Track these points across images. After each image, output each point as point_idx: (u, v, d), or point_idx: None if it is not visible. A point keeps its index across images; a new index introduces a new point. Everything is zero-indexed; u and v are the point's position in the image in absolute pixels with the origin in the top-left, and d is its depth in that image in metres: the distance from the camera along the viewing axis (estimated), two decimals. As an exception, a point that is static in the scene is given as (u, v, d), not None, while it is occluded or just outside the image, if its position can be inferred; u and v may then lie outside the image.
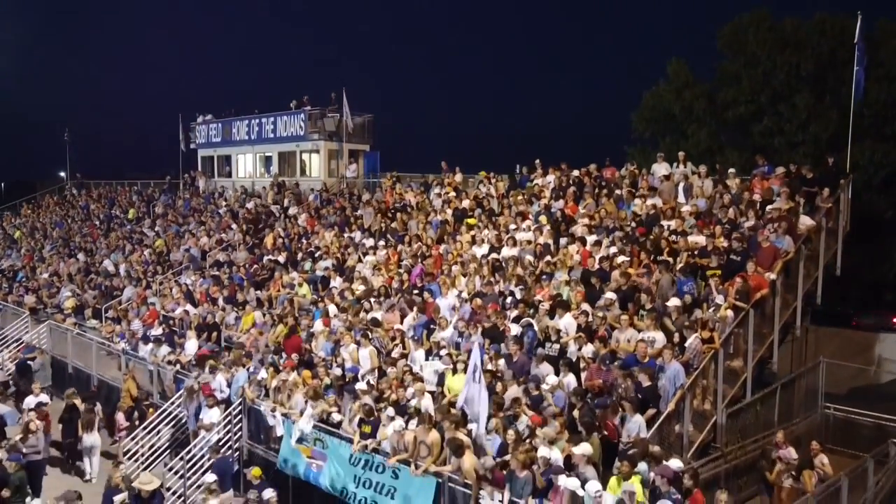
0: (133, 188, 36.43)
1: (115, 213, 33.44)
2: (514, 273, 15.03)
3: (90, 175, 41.80)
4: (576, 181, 19.41)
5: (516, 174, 22.22)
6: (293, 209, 25.60)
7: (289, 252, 21.78)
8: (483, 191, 21.54)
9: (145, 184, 36.38)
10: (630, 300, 12.86)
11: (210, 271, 22.24)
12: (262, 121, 31.14)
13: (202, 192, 32.45)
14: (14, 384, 18.79)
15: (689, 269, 13.21)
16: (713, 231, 14.41)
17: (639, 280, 13.36)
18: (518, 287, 14.50)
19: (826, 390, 15.45)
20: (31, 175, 58.93)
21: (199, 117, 34.62)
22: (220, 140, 33.59)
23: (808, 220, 14.41)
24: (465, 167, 23.70)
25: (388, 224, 21.18)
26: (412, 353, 13.68)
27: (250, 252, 23.00)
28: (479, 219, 18.88)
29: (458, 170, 23.59)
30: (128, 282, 23.24)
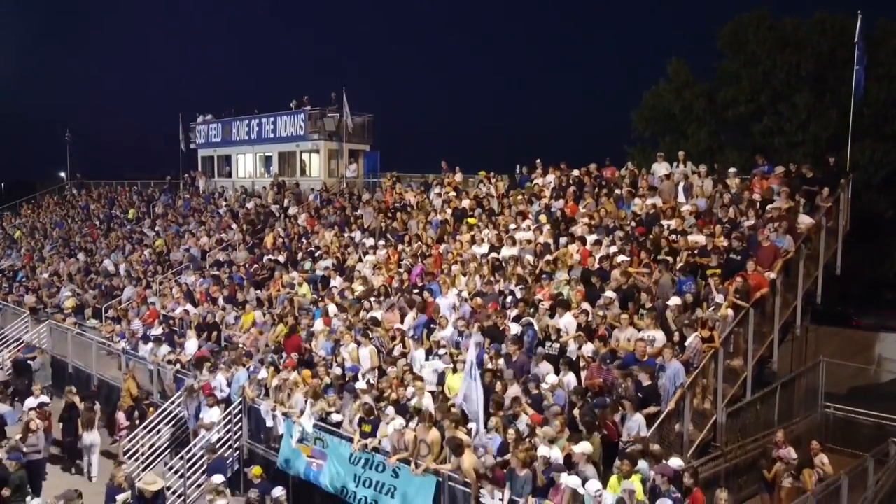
0: (133, 188, 36.41)
1: (115, 213, 33.44)
2: (514, 272, 15.03)
3: (90, 175, 41.87)
4: (576, 181, 19.41)
5: (516, 174, 22.22)
6: (293, 209, 25.61)
7: (289, 252, 21.79)
8: (483, 190, 21.54)
9: (145, 184, 36.36)
10: (630, 299, 12.86)
11: (210, 271, 22.24)
12: (262, 121, 31.13)
13: (202, 192, 32.45)
14: (10, 383, 18.81)
15: (689, 269, 13.22)
16: (713, 230, 14.40)
17: (639, 279, 13.36)
18: (518, 286, 14.50)
19: (826, 390, 15.47)
20: (31, 175, 58.95)
21: (199, 117, 34.62)
22: (220, 140, 33.59)
23: (806, 219, 14.41)
24: (465, 167, 23.74)
25: (388, 224, 21.19)
26: (412, 353, 13.69)
27: (250, 252, 23.00)
28: (480, 218, 18.89)
29: (458, 169, 23.59)
30: (128, 281, 23.25)
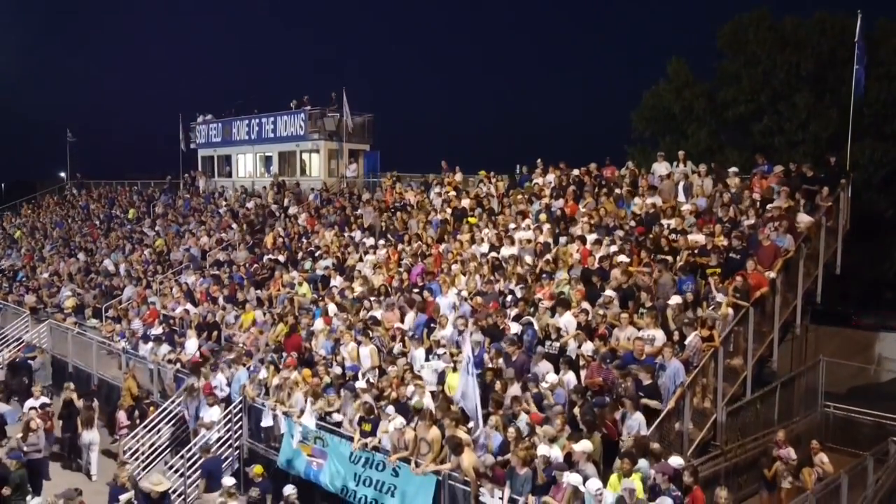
0: (133, 188, 36.42)
1: (115, 212, 33.45)
2: (515, 272, 15.03)
3: (90, 175, 41.85)
4: (576, 180, 19.41)
5: (516, 174, 22.21)
6: (293, 209, 25.62)
7: (289, 251, 21.80)
8: (483, 190, 21.54)
9: (145, 184, 36.36)
10: (630, 298, 12.86)
11: (210, 270, 22.25)
12: (262, 121, 31.14)
13: (202, 191, 32.46)
14: (6, 383, 18.83)
15: (689, 268, 13.22)
16: (713, 230, 14.40)
17: (640, 278, 13.36)
18: (518, 286, 14.50)
19: (826, 389, 15.49)
20: (31, 175, 59.01)
21: (199, 117, 34.63)
22: (220, 140, 33.60)
23: (806, 218, 14.42)
24: (465, 167, 23.72)
25: (388, 223, 21.19)
26: (412, 352, 13.69)
27: (250, 251, 23.01)
28: (480, 218, 18.89)
29: (458, 169, 23.59)
30: (128, 281, 23.26)
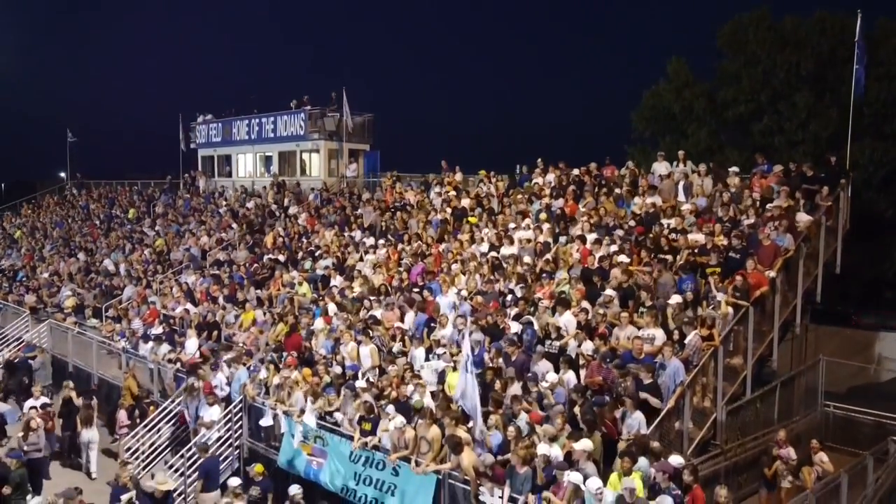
0: (133, 188, 36.43)
1: (115, 212, 33.45)
2: (514, 271, 15.03)
3: (90, 175, 41.86)
4: (576, 180, 19.41)
5: (516, 174, 22.21)
6: (293, 209, 25.62)
7: (289, 251, 21.80)
8: (484, 190, 21.54)
9: (145, 184, 36.36)
10: (630, 298, 12.87)
11: (210, 270, 22.26)
12: (262, 120, 31.15)
13: (202, 191, 32.47)
14: (3, 382, 18.83)
15: (689, 267, 13.22)
16: (712, 229, 14.40)
17: (640, 277, 13.36)
18: (518, 285, 14.50)
19: (826, 388, 15.49)
20: (31, 175, 59.02)
21: (199, 117, 34.65)
22: (220, 140, 33.62)
23: (805, 217, 14.42)
24: (465, 167, 23.71)
25: (388, 223, 21.19)
26: (412, 352, 13.70)
27: (250, 251, 23.02)
28: (480, 218, 18.89)
29: (458, 169, 23.59)
30: (128, 281, 23.27)
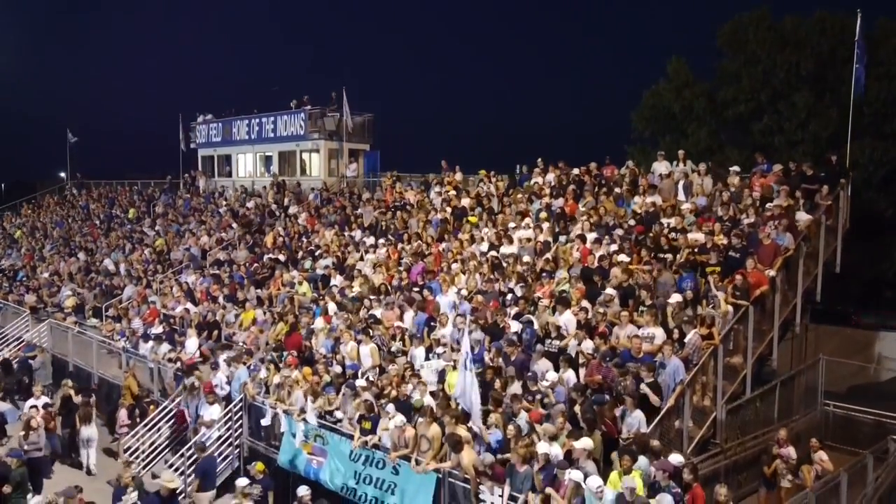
0: (133, 188, 36.43)
1: (115, 212, 33.46)
2: (514, 270, 15.04)
3: (90, 175, 41.84)
4: (576, 179, 19.41)
5: (516, 173, 22.21)
6: (293, 208, 25.63)
7: (289, 251, 21.81)
8: (484, 189, 21.55)
9: (145, 184, 36.36)
10: (630, 297, 12.87)
11: (210, 270, 22.26)
12: (262, 120, 31.15)
13: (202, 191, 32.48)
14: (1, 382, 18.84)
15: (689, 266, 13.22)
16: (712, 228, 14.40)
17: (640, 276, 13.36)
18: (518, 285, 14.51)
19: (826, 388, 15.49)
20: (31, 175, 58.98)
21: (199, 117, 34.65)
22: (220, 140, 33.62)
23: (804, 216, 14.44)
24: (465, 167, 23.71)
25: (388, 222, 21.20)
26: (412, 351, 13.70)
27: (250, 251, 23.03)
28: (480, 217, 18.90)
29: (458, 169, 23.59)
30: (128, 280, 23.28)
